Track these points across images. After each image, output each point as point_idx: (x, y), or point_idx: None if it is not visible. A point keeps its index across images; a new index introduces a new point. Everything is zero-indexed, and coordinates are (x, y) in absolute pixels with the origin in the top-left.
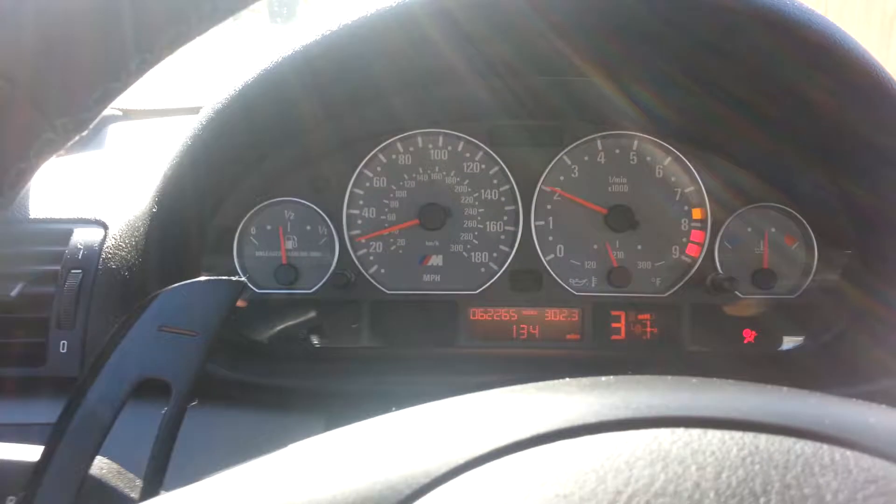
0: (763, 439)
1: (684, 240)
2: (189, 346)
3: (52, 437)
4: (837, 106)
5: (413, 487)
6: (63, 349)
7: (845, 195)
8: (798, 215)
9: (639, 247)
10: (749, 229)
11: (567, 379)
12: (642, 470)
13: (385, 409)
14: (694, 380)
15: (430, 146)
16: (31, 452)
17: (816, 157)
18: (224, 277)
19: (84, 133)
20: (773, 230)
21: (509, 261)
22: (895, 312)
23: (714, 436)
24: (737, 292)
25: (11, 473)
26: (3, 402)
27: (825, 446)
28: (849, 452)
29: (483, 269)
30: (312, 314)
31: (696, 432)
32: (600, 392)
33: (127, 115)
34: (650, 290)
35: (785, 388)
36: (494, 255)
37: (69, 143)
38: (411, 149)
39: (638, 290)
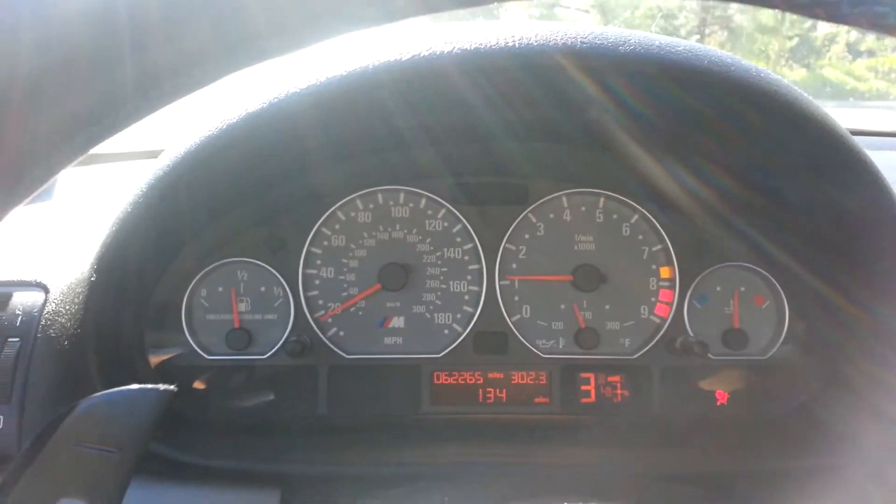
0: None
1: (653, 299)
2: (109, 466)
3: None
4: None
5: None
6: (0, 425)
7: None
8: (767, 274)
9: (607, 306)
10: (718, 288)
11: None
12: None
13: (344, 489)
14: None
15: (391, 203)
16: None
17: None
18: (150, 386)
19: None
20: (742, 289)
21: (473, 322)
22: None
23: None
24: (709, 354)
25: None
26: None
27: None
28: None
29: (446, 331)
30: (271, 396)
31: None
32: None
33: (83, 159)
34: (619, 351)
35: None
36: (458, 315)
37: (5, 215)
38: (371, 206)
39: (607, 351)
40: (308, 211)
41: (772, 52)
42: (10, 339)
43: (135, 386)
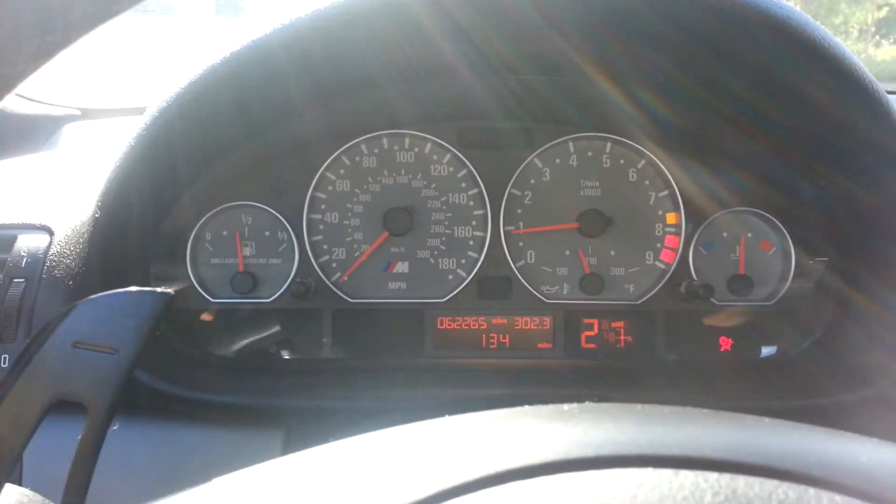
0: (741, 482)
1: (658, 245)
2: (107, 365)
3: None
4: (836, 105)
5: None
6: (3, 363)
7: (844, 197)
8: (775, 220)
9: (612, 252)
10: (725, 234)
11: (525, 407)
12: None
13: (347, 425)
14: (666, 409)
15: (396, 148)
16: None
17: (816, 158)
18: (147, 288)
19: (8, 94)
20: (749, 235)
21: (478, 267)
22: (878, 315)
23: (686, 478)
24: (712, 300)
25: None
26: None
27: (812, 490)
28: (838, 498)
29: (451, 276)
30: (277, 328)
31: (665, 473)
32: (560, 425)
33: (85, 114)
34: (624, 297)
35: (766, 420)
36: (462, 261)
37: None
38: (376, 150)
39: (611, 297)
40: (312, 155)
41: (854, 27)
42: (15, 280)
43: (133, 288)
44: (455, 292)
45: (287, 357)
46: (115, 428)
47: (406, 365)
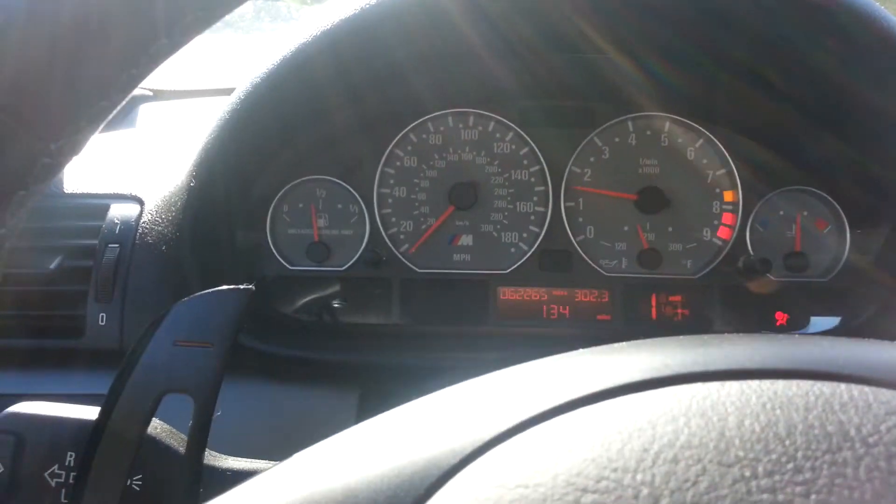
0: (780, 385)
1: (715, 222)
2: (205, 358)
3: (84, 459)
4: (845, 71)
5: (442, 469)
6: (102, 321)
7: (860, 167)
8: (829, 198)
9: (670, 229)
10: (781, 212)
11: (579, 350)
12: (665, 427)
13: (418, 382)
14: (705, 336)
15: (461, 126)
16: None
17: (828, 128)
18: (232, 287)
19: (79, 152)
20: (804, 213)
21: (539, 241)
22: None
23: (731, 387)
24: (769, 275)
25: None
26: (43, 373)
27: (842, 385)
28: (866, 388)
29: (513, 249)
30: (338, 287)
31: (713, 386)
32: (614, 359)
33: (157, 95)
34: (681, 271)
35: (796, 335)
36: (524, 235)
37: (66, 165)
38: (441, 129)
39: (668, 271)
40: (381, 134)
41: None
42: (110, 245)
43: (218, 288)
44: (517, 264)
45: (354, 321)
46: (218, 414)
47: (469, 332)
